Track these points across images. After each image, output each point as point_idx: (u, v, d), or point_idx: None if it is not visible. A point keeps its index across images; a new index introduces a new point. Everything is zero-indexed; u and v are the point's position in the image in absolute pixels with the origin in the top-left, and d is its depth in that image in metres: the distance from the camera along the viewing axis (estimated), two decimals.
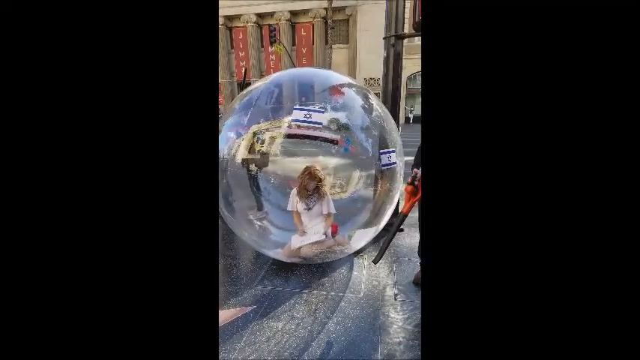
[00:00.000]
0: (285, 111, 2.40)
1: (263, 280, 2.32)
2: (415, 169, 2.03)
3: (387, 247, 1.99)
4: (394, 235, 2.01)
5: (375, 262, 2.06)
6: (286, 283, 2.29)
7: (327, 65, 15.61)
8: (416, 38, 2.84)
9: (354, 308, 1.99)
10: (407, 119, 18.05)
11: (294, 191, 2.52)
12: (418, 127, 2.19)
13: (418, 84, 18.71)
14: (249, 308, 1.99)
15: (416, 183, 2.02)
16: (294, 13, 16.43)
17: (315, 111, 1.93)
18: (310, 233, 2.46)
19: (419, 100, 19.19)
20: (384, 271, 2.46)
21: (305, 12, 16.25)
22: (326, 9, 15.25)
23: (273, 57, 16.61)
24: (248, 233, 2.55)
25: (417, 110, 17.78)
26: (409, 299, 2.08)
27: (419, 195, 2.00)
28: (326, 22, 15.66)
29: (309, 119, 1.91)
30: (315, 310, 1.97)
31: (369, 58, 15.17)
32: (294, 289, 2.20)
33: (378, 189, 2.62)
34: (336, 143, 2.63)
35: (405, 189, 2.06)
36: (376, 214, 2.58)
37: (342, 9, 15.73)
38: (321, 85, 2.45)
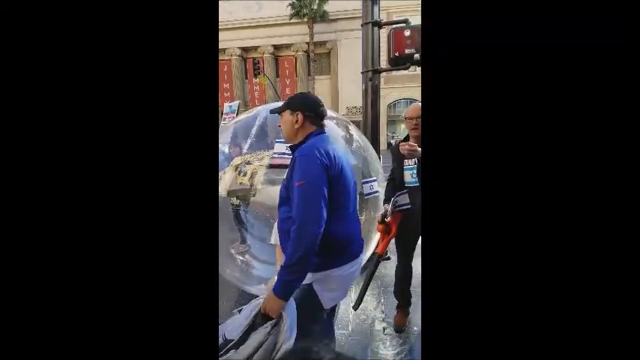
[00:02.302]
0: (268, 143, 2.41)
1: None
2: (386, 205, 1.96)
3: (365, 292, 1.92)
4: (371, 278, 1.93)
5: (355, 308, 1.97)
6: None
7: None
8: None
9: (341, 347, 1.90)
10: (389, 144, 18.57)
11: (277, 224, 2.47)
12: None
13: (398, 111, 19.43)
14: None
15: (387, 220, 1.92)
16: (277, 47, 17.09)
17: None
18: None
19: (400, 126, 19.87)
20: (372, 303, 2.39)
21: (287, 46, 16.94)
22: (308, 43, 15.97)
23: (257, 88, 17.01)
24: (230, 269, 2.45)
25: (401, 136, 18.30)
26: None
27: (393, 232, 1.92)
28: (308, 55, 16.34)
29: (290, 152, 1.91)
30: None
31: (350, 88, 15.76)
32: None
33: (362, 218, 2.61)
34: None
35: (378, 228, 1.97)
36: None
37: (323, 43, 16.51)
38: None
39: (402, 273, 2.07)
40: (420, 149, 1.73)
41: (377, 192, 2.35)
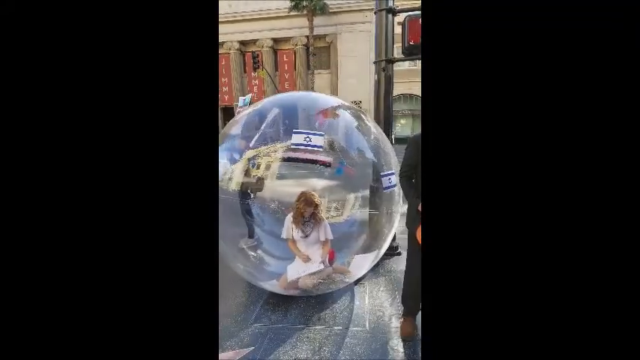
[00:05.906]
0: (283, 135, 2.32)
1: (260, 317, 2.14)
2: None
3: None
4: None
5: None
6: (285, 318, 2.12)
7: (311, 89, 15.91)
8: (407, 63, 2.89)
9: (360, 344, 1.84)
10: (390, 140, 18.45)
11: (289, 218, 2.39)
12: (401, 147, 2.15)
13: (400, 107, 19.30)
14: (248, 350, 1.80)
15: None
16: (276, 40, 16.86)
17: (314, 134, 1.87)
18: (308, 262, 2.32)
19: (401, 121, 19.77)
20: (387, 299, 2.33)
21: (287, 39, 16.70)
22: (307, 36, 15.76)
23: (256, 82, 16.81)
24: (241, 264, 2.38)
25: (400, 131, 18.17)
26: (416, 330, 1.95)
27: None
28: (308, 49, 16.13)
29: (309, 142, 1.83)
30: (320, 348, 1.81)
31: (349, 83, 15.64)
32: (295, 325, 2.03)
33: (376, 212, 2.54)
34: (329, 165, 2.56)
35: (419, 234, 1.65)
36: (375, 238, 2.49)
37: (322, 36, 16.29)
38: (317, 108, 2.41)
39: (415, 273, 1.85)
40: None
41: (395, 185, 2.28)
